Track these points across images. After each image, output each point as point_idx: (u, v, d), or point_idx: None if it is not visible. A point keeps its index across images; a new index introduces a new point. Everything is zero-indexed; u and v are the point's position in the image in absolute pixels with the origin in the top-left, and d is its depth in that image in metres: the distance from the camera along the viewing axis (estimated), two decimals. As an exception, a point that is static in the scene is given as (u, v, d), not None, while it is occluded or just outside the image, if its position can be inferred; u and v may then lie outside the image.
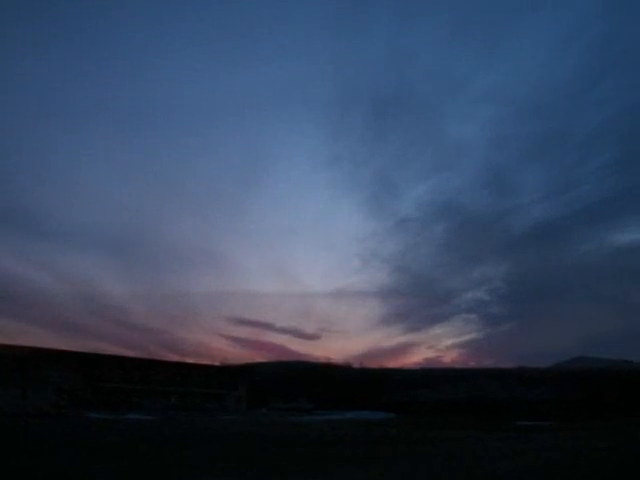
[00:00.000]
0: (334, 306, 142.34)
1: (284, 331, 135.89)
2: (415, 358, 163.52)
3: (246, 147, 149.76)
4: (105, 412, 39.31)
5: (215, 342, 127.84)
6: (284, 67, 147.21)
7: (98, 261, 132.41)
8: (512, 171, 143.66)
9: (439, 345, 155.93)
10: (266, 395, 68.89)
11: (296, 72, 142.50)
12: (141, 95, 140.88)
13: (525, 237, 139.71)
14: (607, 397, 61.08)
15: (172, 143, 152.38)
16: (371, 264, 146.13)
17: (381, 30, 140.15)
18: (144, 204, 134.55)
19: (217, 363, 76.60)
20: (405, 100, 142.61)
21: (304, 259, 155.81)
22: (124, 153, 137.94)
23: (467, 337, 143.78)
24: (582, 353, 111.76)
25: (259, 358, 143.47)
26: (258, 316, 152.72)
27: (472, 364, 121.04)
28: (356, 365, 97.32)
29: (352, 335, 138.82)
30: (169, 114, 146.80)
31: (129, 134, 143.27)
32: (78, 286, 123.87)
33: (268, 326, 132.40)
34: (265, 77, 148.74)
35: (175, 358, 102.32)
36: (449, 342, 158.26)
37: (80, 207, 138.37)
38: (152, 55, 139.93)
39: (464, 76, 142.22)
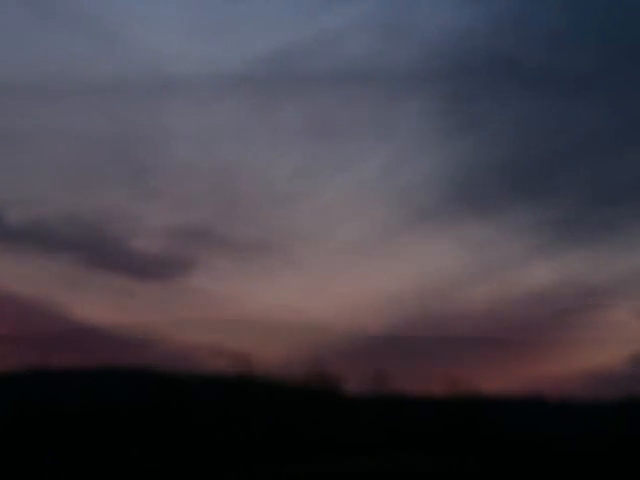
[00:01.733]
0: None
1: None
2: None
3: (237, 129, 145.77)
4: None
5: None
6: (274, 39, 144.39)
7: (66, 263, 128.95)
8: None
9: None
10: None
11: (285, 45, 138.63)
12: (117, 68, 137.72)
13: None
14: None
15: (155, 129, 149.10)
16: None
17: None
18: (124, 201, 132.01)
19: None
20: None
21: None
22: (97, 138, 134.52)
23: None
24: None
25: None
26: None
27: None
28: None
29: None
30: (145, 91, 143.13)
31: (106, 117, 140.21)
32: (46, 294, 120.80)
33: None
34: (252, 50, 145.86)
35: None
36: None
37: (45, 202, 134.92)
38: (131, 25, 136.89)
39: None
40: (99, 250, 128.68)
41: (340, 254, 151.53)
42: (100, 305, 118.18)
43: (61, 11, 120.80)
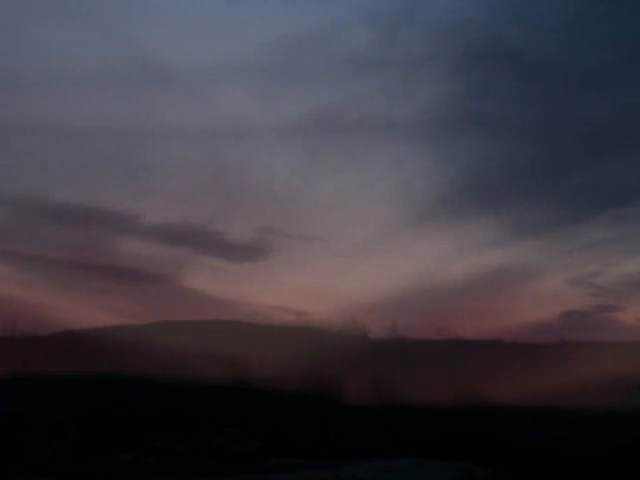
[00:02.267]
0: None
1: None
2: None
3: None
4: None
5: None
6: (272, 35, 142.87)
7: (56, 263, 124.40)
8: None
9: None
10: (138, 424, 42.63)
11: (283, 40, 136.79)
12: (115, 63, 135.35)
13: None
14: None
15: (153, 124, 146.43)
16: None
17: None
18: (119, 198, 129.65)
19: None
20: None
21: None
22: (93, 133, 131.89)
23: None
24: None
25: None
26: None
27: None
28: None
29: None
30: (143, 86, 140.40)
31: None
32: (35, 296, 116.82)
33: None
34: (251, 47, 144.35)
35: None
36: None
37: (36, 200, 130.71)
38: (129, 20, 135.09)
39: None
40: (91, 250, 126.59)
41: (340, 254, 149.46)
42: (92, 307, 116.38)
43: (60, 6, 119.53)
